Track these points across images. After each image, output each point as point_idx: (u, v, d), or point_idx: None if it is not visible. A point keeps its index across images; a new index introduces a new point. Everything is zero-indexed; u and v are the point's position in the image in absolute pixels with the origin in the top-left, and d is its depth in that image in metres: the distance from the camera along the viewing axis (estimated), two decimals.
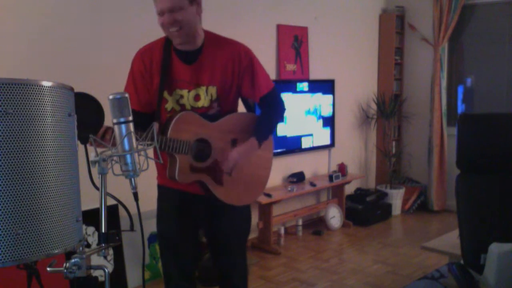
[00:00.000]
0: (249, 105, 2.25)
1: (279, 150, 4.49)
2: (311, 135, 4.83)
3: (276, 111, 2.21)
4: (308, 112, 4.78)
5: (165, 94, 2.04)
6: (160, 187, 2.22)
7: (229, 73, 2.06)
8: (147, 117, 2.04)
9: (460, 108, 5.63)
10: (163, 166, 2.11)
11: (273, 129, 2.24)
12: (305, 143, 4.79)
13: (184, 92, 2.03)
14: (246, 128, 2.12)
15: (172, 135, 1.92)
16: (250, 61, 2.09)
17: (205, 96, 2.03)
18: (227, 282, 2.29)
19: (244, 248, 2.34)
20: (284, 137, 4.57)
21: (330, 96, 4.97)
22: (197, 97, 2.04)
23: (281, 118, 2.26)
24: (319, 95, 4.86)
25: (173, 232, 2.16)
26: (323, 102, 4.91)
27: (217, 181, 2.06)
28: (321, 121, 4.91)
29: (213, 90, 2.04)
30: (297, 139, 4.71)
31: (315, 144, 4.90)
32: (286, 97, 4.49)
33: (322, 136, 4.96)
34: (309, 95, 4.76)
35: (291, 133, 4.62)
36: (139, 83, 2.05)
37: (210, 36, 2.08)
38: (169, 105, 2.05)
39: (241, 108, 2.24)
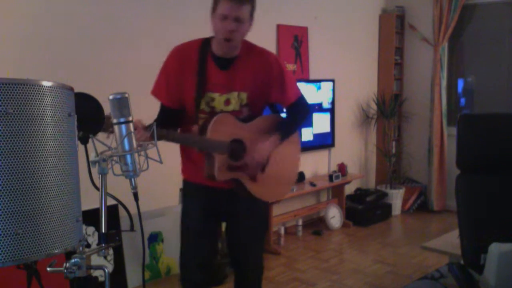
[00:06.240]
0: (276, 110, 2.37)
1: None
2: (311, 125, 4.80)
3: (303, 116, 2.35)
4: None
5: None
6: (185, 182, 2.33)
7: (259, 81, 2.16)
8: (176, 113, 2.15)
9: (460, 108, 5.63)
10: (189, 161, 2.22)
11: (296, 129, 2.38)
12: (305, 135, 4.74)
13: (216, 95, 2.11)
14: (275, 128, 2.24)
15: (211, 135, 2.03)
16: (280, 70, 2.20)
17: (236, 100, 2.13)
18: (242, 278, 2.39)
19: (261, 245, 2.46)
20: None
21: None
22: (227, 102, 2.13)
23: (306, 121, 2.44)
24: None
25: (197, 226, 2.26)
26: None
27: (252, 178, 2.16)
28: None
29: (244, 95, 2.14)
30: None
31: (315, 132, 4.84)
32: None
33: (322, 124, 4.91)
34: None
35: None
36: (172, 79, 2.13)
37: (246, 45, 2.17)
38: (200, 106, 2.14)
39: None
